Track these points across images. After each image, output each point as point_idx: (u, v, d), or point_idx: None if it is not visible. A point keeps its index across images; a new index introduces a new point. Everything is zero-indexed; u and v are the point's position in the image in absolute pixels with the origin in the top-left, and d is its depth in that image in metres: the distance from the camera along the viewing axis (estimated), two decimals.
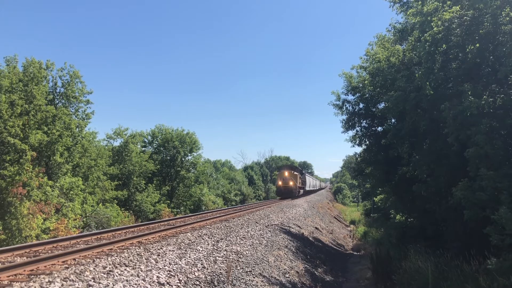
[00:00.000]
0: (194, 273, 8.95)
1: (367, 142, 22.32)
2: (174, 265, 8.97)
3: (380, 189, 25.07)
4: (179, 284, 7.98)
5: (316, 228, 27.29)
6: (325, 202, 59.73)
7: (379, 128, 22.07)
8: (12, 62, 23.65)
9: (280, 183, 44.91)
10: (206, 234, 13.29)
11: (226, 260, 10.68)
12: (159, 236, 12.44)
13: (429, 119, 13.39)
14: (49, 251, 9.53)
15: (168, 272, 8.39)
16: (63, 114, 24.10)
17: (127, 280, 7.28)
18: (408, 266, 13.92)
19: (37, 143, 21.35)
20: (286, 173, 44.40)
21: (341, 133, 23.40)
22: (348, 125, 22.53)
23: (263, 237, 15.40)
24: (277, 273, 12.07)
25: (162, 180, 42.69)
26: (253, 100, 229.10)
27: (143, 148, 42.69)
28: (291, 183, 43.87)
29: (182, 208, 41.68)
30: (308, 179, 65.13)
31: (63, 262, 8.26)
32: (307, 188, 60.43)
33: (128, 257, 8.87)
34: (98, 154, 29.73)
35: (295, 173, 46.15)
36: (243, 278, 9.95)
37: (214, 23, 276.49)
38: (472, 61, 11.78)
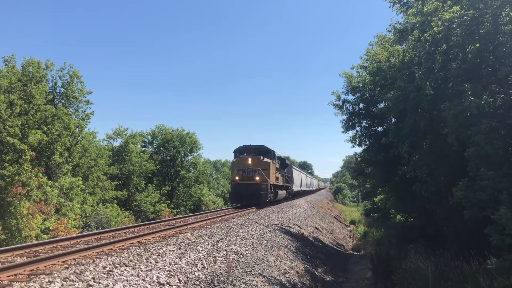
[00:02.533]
0: (194, 273, 8.94)
1: (367, 142, 22.32)
2: (174, 265, 8.96)
3: (380, 189, 25.08)
4: (179, 284, 7.97)
5: (316, 228, 27.28)
6: (325, 202, 59.73)
7: (379, 128, 22.09)
8: (11, 62, 23.65)
9: (236, 177, 25.30)
10: (206, 234, 13.28)
11: (226, 260, 10.67)
12: (159, 236, 12.43)
13: (429, 119, 13.39)
14: (49, 251, 9.52)
15: (168, 272, 8.38)
16: (62, 114, 24.11)
17: (127, 280, 7.27)
18: (408, 266, 13.92)
19: (37, 143, 21.34)
20: (249, 160, 25.27)
21: (341, 133, 23.43)
22: (348, 125, 22.54)
23: (263, 237, 15.39)
24: (277, 273, 12.06)
25: (162, 180, 42.71)
26: (253, 100, 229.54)
27: (143, 148, 42.74)
28: (257, 178, 24.95)
29: (182, 208, 41.71)
30: (298, 175, 46.73)
31: (63, 262, 8.25)
32: (295, 188, 42.27)
33: (128, 257, 8.87)
34: (98, 154, 29.74)
35: (266, 160, 26.14)
36: (243, 278, 9.94)
37: (214, 22, 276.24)
38: (472, 61, 11.78)
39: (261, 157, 26.06)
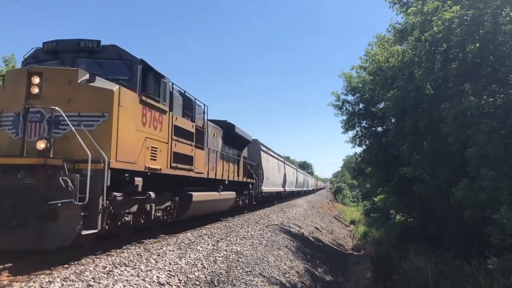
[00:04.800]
0: (194, 273, 8.93)
1: (367, 142, 22.33)
2: (174, 265, 8.96)
3: (380, 189, 25.08)
4: (179, 284, 7.96)
5: (316, 228, 27.28)
6: (325, 202, 59.74)
7: (379, 128, 22.11)
8: (11, 62, 23.55)
9: None
10: (206, 234, 13.27)
11: (226, 260, 10.67)
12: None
13: (429, 118, 13.40)
14: None
15: (168, 272, 8.37)
16: None
17: (127, 280, 7.26)
18: (408, 266, 13.91)
19: None
20: (34, 81, 6.79)
21: (341, 133, 23.47)
22: (348, 125, 22.54)
23: (263, 237, 15.38)
24: (277, 273, 12.05)
25: None
26: (253, 100, 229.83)
27: None
28: (42, 144, 6.65)
29: None
30: (277, 165, 31.47)
31: None
32: (269, 188, 27.09)
33: (128, 257, 8.86)
34: None
35: (106, 87, 7.36)
36: (243, 278, 9.93)
37: (215, 19, 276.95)
38: (472, 61, 11.79)
39: (88, 76, 7.70)
